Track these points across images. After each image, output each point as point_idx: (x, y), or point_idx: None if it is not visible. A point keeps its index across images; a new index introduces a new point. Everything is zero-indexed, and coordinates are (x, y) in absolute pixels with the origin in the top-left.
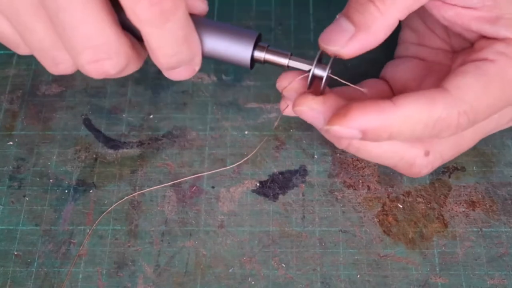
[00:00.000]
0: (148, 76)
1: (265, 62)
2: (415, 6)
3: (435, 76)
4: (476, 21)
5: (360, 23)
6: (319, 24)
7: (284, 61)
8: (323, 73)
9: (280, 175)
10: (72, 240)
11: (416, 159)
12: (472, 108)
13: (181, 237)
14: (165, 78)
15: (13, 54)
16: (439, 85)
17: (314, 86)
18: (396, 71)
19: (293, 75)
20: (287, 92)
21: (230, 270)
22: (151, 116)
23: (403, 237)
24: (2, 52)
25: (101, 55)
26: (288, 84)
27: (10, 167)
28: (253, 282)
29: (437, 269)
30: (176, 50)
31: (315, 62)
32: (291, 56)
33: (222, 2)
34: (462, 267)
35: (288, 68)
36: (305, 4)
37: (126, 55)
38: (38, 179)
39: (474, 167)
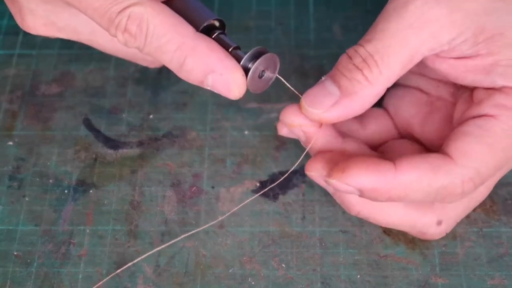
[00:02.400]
0: (148, 76)
1: None
2: (403, 73)
3: (439, 115)
4: (470, 73)
5: (347, 89)
6: (319, 24)
7: (226, 50)
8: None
9: (280, 175)
10: (72, 240)
11: (429, 229)
12: (478, 174)
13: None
14: (165, 78)
15: (13, 54)
16: (442, 150)
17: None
18: (400, 105)
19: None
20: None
21: (230, 270)
22: (151, 116)
23: (403, 237)
24: (2, 52)
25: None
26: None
27: (10, 167)
28: (253, 282)
29: (437, 269)
30: (172, 59)
31: (245, 57)
32: (233, 48)
33: (222, 2)
34: (462, 267)
35: None
36: (305, 4)
37: None
38: (38, 179)
39: None
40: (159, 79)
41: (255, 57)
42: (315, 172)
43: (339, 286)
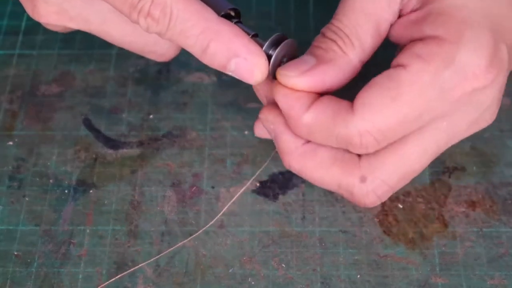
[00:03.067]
0: (148, 76)
1: None
2: (377, 43)
3: None
4: (408, 27)
5: (323, 57)
6: (319, 24)
7: None
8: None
9: (280, 175)
10: (72, 240)
11: (354, 188)
12: (375, 127)
13: (181, 237)
14: (165, 78)
15: (13, 54)
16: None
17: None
18: None
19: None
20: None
21: (230, 270)
22: (151, 116)
23: (403, 237)
24: (2, 52)
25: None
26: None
27: (10, 167)
28: (253, 282)
29: (437, 269)
30: (195, 43)
31: (266, 44)
32: (253, 36)
33: None
34: (462, 267)
35: None
36: (305, 4)
37: None
38: (38, 179)
39: (474, 167)
40: (159, 79)
41: (275, 44)
42: (268, 115)
43: (339, 286)
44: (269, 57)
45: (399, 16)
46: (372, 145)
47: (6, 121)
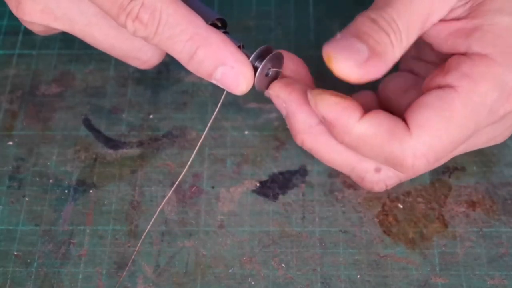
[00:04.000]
0: (148, 76)
1: None
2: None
3: (416, 89)
4: (451, 36)
5: (375, 49)
6: (319, 24)
7: None
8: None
9: (280, 175)
10: (72, 240)
11: (367, 174)
12: (431, 149)
13: (181, 237)
14: (165, 78)
15: (13, 54)
16: (404, 117)
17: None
18: (387, 83)
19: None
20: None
21: (230, 270)
22: (151, 116)
23: (403, 237)
24: (2, 52)
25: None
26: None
27: (10, 167)
28: (253, 282)
29: (437, 269)
30: (183, 49)
31: (252, 56)
32: (238, 46)
33: (222, 2)
34: (462, 267)
35: None
36: (305, 4)
37: None
38: (38, 179)
39: (474, 167)
40: (159, 79)
41: (261, 56)
42: (280, 92)
43: (339, 286)
44: (255, 68)
45: (442, 20)
46: (423, 167)
47: (6, 121)
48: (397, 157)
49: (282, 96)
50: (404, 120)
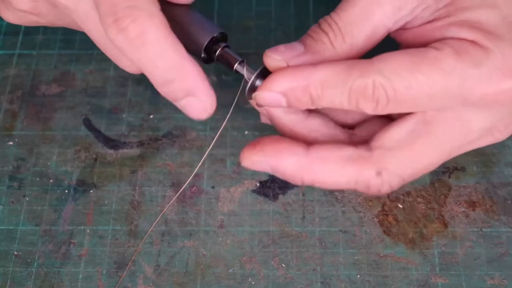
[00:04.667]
0: None
1: (217, 60)
2: (368, 45)
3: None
4: (426, 33)
5: (311, 47)
6: None
7: (233, 64)
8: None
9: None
10: (72, 240)
11: (370, 180)
12: (391, 82)
13: (181, 237)
14: None
15: (13, 54)
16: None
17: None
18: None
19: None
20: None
21: (230, 270)
22: (151, 116)
23: (403, 237)
24: (2, 52)
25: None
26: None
27: (10, 167)
28: (253, 282)
29: (437, 269)
30: (160, 74)
31: (254, 75)
32: (240, 62)
33: (222, 2)
34: (462, 267)
35: (235, 73)
36: (305, 4)
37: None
38: (38, 179)
39: (474, 167)
40: None
41: (263, 75)
42: (255, 157)
43: (339, 286)
44: (255, 86)
45: (403, 27)
46: (382, 99)
47: (6, 121)
48: (358, 88)
49: (256, 158)
50: None
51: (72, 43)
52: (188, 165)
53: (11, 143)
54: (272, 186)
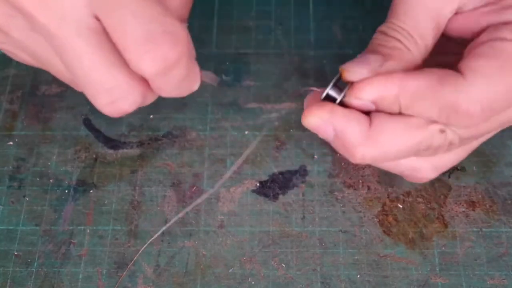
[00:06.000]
0: None
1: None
2: (436, 38)
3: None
4: (478, 19)
5: (390, 55)
6: (319, 24)
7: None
8: (337, 96)
9: (280, 175)
10: (72, 240)
11: (433, 140)
12: (486, 95)
13: (181, 237)
14: None
15: None
16: (456, 68)
17: None
18: None
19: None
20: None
21: (230, 270)
22: (151, 116)
23: (403, 237)
24: (2, 52)
25: (115, 96)
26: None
27: (10, 167)
28: (253, 282)
29: (437, 269)
30: (179, 86)
31: (331, 84)
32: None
33: (222, 2)
34: (462, 267)
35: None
36: (305, 4)
37: (140, 92)
38: (38, 179)
39: (474, 167)
40: None
41: (336, 86)
42: (322, 115)
43: (339, 286)
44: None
45: (456, 13)
46: (478, 115)
47: (6, 121)
48: (451, 103)
49: (325, 117)
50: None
51: None
52: (188, 165)
53: (11, 143)
54: (272, 186)
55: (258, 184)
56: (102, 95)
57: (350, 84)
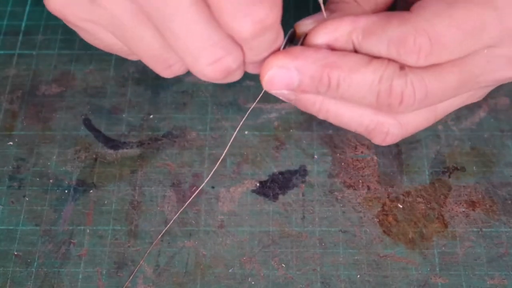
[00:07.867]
0: (148, 76)
1: None
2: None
3: None
4: None
5: (337, 9)
6: None
7: None
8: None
9: (280, 175)
10: (72, 240)
11: (393, 79)
12: (432, 28)
13: (181, 237)
14: (165, 78)
15: (13, 54)
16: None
17: None
18: None
19: None
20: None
21: (230, 270)
22: (151, 116)
23: (403, 237)
24: (2, 52)
25: (220, 52)
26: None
27: (10, 167)
28: (253, 282)
29: (437, 269)
30: (269, 48)
31: (285, 39)
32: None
33: None
34: (462, 267)
35: None
36: (305, 4)
37: (239, 48)
38: (38, 179)
39: (474, 167)
40: (159, 79)
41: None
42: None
43: (339, 286)
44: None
45: None
46: (425, 48)
47: (6, 121)
48: (397, 36)
49: (285, 61)
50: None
51: (72, 43)
52: (188, 165)
53: (11, 143)
54: (272, 186)
55: (258, 184)
56: (206, 53)
57: (305, 36)
